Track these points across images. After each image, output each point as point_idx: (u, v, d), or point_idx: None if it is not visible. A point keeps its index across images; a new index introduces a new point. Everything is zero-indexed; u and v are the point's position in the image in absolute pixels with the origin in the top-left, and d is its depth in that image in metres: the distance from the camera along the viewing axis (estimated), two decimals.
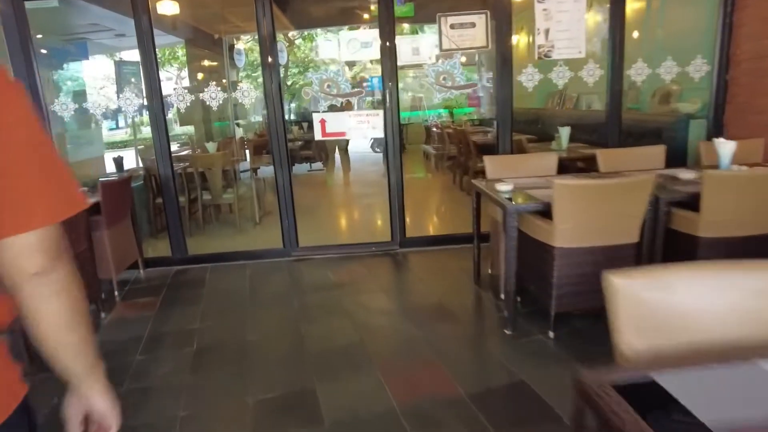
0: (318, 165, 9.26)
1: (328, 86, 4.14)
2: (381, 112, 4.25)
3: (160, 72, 4.19)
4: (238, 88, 4.17)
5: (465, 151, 7.01)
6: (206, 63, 9.62)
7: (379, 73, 4.29)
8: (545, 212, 2.73)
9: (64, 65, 7.39)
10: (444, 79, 4.22)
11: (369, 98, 9.45)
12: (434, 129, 9.56)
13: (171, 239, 4.46)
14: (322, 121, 4.23)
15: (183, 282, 4.12)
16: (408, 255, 4.38)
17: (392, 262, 4.28)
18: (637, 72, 4.34)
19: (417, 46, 4.20)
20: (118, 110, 4.28)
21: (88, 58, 8.19)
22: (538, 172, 3.61)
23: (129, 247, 4.18)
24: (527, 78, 4.28)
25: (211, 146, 5.82)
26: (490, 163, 3.61)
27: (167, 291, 3.92)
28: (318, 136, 4.26)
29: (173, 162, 4.40)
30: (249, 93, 4.17)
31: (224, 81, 9.36)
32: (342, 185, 8.26)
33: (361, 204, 6.68)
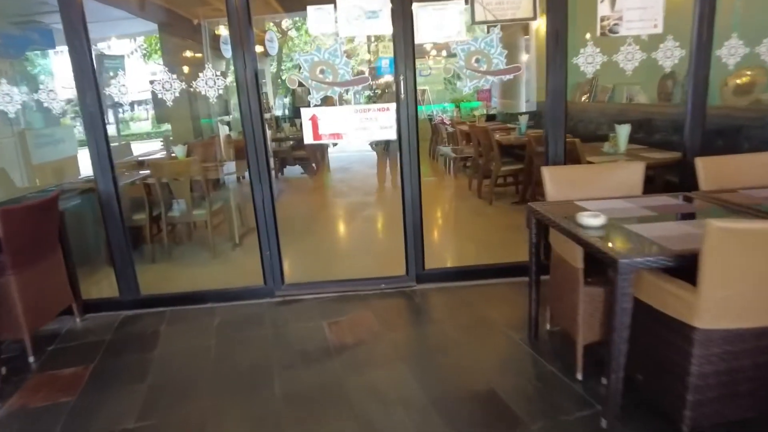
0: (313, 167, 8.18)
1: (322, 72, 3.06)
2: (393, 107, 3.17)
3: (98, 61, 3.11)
4: (200, 77, 3.08)
5: (485, 152, 5.95)
6: (189, 53, 8.52)
7: (390, 54, 3.22)
8: (674, 269, 1.68)
9: (27, 55, 6.44)
10: (477, 61, 3.14)
11: (368, 92, 8.37)
12: (445, 126, 8.50)
13: (118, 277, 3.39)
14: (314, 119, 3.15)
15: (128, 338, 3.05)
16: (429, 295, 3.32)
17: (409, 307, 3.22)
18: (729, 51, 3.28)
19: (441, 19, 3.13)
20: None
21: (54, 48, 7.32)
22: (618, 190, 2.56)
23: (56, 292, 3.11)
24: (586, 60, 3.22)
25: (180, 150, 4.73)
26: (551, 177, 2.54)
27: (104, 354, 2.85)
28: (308, 138, 3.18)
29: (132, 171, 3.34)
30: (215, 83, 3.09)
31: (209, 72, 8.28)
32: (338, 194, 7.19)
33: (364, 221, 5.59)
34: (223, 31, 7.47)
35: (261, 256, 3.38)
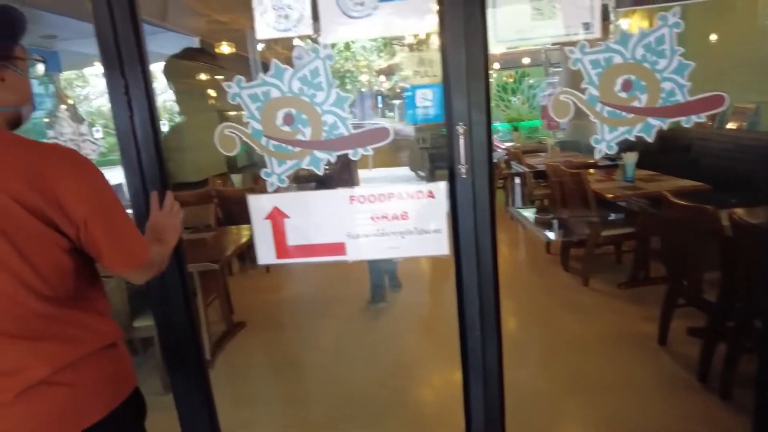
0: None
1: (288, 120, 1.44)
2: (442, 189, 1.50)
3: None
4: None
5: (572, 204, 4.15)
6: None
7: (429, 79, 1.57)
8: None
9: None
10: (627, 87, 1.42)
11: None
12: (500, 151, 6.66)
13: None
14: (275, 217, 1.51)
15: None
16: None
17: None
18: None
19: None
20: None
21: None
22: None
23: None
24: None
25: None
26: None
27: None
28: (265, 255, 1.53)
29: None
30: None
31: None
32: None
33: None
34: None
35: None
